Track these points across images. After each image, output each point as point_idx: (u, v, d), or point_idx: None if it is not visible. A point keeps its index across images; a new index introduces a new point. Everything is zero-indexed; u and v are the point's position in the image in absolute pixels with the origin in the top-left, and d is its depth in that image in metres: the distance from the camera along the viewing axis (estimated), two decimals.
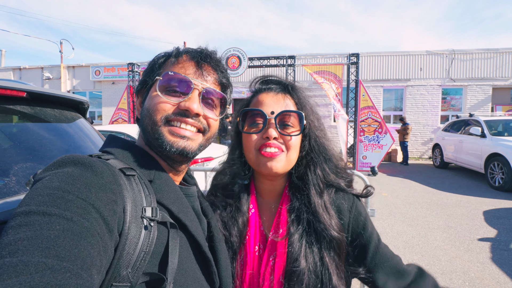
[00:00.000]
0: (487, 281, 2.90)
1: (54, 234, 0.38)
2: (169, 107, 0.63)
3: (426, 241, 3.89)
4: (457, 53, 12.18)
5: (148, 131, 0.65)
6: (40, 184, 0.46)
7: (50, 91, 1.33)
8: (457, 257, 3.42)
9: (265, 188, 0.87)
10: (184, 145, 0.64)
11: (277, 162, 0.77)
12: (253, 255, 0.78)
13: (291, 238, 0.75)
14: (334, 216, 0.78)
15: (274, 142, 0.76)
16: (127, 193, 0.53)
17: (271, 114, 0.77)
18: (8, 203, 0.89)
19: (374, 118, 8.69)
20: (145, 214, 0.53)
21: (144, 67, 10.66)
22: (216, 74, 0.70)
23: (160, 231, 0.55)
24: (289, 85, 0.84)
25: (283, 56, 9.44)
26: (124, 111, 11.07)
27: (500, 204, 5.49)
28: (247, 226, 0.81)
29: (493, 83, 12.05)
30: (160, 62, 0.69)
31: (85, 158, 0.52)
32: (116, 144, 0.65)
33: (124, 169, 0.57)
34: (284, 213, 0.80)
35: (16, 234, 0.37)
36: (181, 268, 0.56)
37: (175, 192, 0.63)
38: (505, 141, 6.75)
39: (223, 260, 0.70)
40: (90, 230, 0.41)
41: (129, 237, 0.50)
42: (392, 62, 12.67)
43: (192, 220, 0.63)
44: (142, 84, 0.71)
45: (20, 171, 1.03)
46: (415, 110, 12.58)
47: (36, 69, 15.97)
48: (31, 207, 0.41)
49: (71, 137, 1.46)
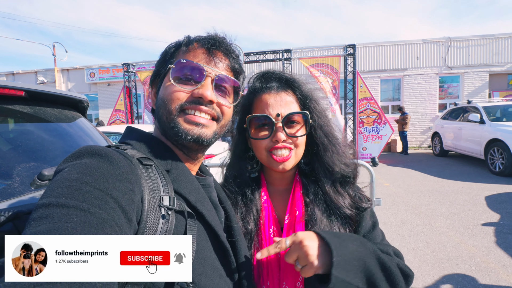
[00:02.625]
0: (492, 265, 2.92)
1: (71, 226, 0.38)
2: (183, 96, 0.63)
3: (430, 228, 3.90)
4: (453, 41, 12.15)
5: (164, 120, 0.65)
6: (59, 176, 0.47)
7: (49, 90, 1.30)
8: (462, 243, 3.43)
9: (275, 177, 0.89)
10: (199, 133, 0.64)
11: (289, 162, 0.81)
12: (269, 238, 0.79)
13: (313, 218, 0.78)
14: (346, 195, 0.83)
15: (284, 144, 0.79)
16: (144, 182, 0.53)
17: (277, 116, 0.79)
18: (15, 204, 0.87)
19: (372, 109, 8.69)
20: (162, 203, 0.54)
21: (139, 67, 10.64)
22: (228, 60, 0.69)
23: (178, 220, 0.55)
24: (290, 80, 0.84)
25: (279, 50, 9.37)
26: (121, 112, 11.00)
27: (502, 189, 5.52)
28: (261, 212, 0.83)
29: (489, 69, 12.05)
30: (172, 52, 0.69)
31: (102, 149, 0.52)
32: (134, 135, 0.67)
33: (142, 158, 0.58)
34: (298, 196, 0.82)
35: (37, 226, 0.38)
36: (200, 257, 0.56)
37: (192, 182, 0.63)
38: (504, 126, 6.78)
39: (242, 250, 0.70)
40: (107, 221, 0.42)
41: (148, 225, 0.50)
42: (389, 52, 12.63)
43: (209, 210, 0.63)
44: (155, 75, 0.71)
45: (23, 172, 1.01)
46: (413, 100, 12.58)
47: (30, 74, 15.82)
48: (51, 199, 0.42)
49: (72, 137, 1.43)
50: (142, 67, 10.76)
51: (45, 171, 1.01)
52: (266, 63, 9.61)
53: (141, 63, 10.92)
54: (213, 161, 3.89)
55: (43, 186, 1.00)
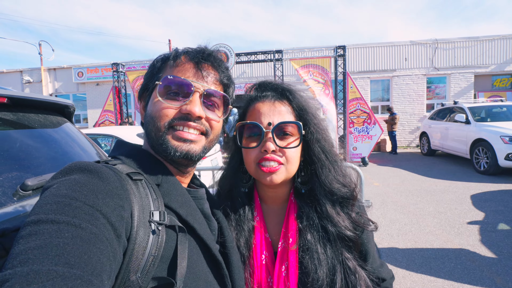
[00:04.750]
0: (478, 263, 3.00)
1: (63, 241, 0.38)
2: (171, 112, 0.63)
3: (418, 227, 3.99)
4: (440, 42, 12.43)
5: (152, 136, 0.64)
6: (48, 192, 0.46)
7: (33, 96, 1.27)
8: (448, 241, 3.52)
9: (269, 195, 0.85)
10: (188, 149, 0.63)
11: (277, 175, 0.75)
12: (260, 264, 0.76)
13: (305, 247, 0.74)
14: (345, 217, 0.77)
15: (273, 156, 0.74)
16: (134, 198, 0.53)
17: (268, 125, 0.75)
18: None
19: (362, 109, 8.80)
20: (153, 218, 0.53)
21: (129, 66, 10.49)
22: (216, 74, 0.69)
23: (169, 235, 0.55)
24: (286, 91, 0.80)
25: (270, 51, 9.39)
26: (110, 113, 10.81)
27: (486, 187, 5.69)
28: (253, 233, 0.80)
29: (475, 70, 12.39)
30: (159, 66, 0.68)
31: (91, 164, 0.52)
32: (124, 149, 0.66)
33: (131, 173, 0.57)
34: (292, 221, 0.78)
35: (27, 243, 0.37)
36: (192, 272, 0.56)
37: (182, 195, 0.63)
38: (489, 126, 6.98)
39: (235, 263, 0.69)
40: (98, 236, 0.42)
41: (137, 241, 0.49)
42: (378, 53, 12.83)
43: (200, 223, 0.62)
44: (143, 89, 0.70)
45: (5, 182, 0.98)
46: (401, 100, 12.81)
47: (15, 73, 15.36)
48: (40, 216, 0.41)
49: (58, 143, 1.40)
50: (132, 67, 10.61)
51: (28, 181, 0.99)
52: (257, 64, 9.61)
53: (130, 62, 10.76)
54: (204, 164, 3.87)
55: (26, 197, 0.98)
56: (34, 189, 1.00)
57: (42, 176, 1.07)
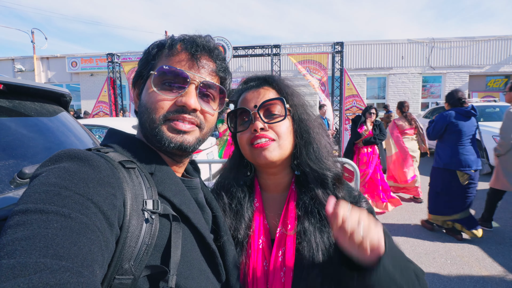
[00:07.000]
0: (466, 259, 3.08)
1: (52, 232, 0.37)
2: (166, 104, 0.62)
3: (410, 224, 4.07)
4: (437, 42, 12.51)
5: (146, 127, 0.63)
6: (37, 180, 0.44)
7: (29, 83, 1.25)
8: (439, 238, 3.60)
9: (269, 183, 0.87)
10: (182, 140, 0.62)
11: (270, 152, 0.77)
12: (257, 248, 0.78)
13: (302, 233, 0.75)
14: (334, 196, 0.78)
15: (263, 133, 0.77)
16: (126, 186, 0.52)
17: (254, 107, 0.79)
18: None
19: (358, 106, 8.84)
20: (146, 207, 0.53)
21: (124, 57, 10.32)
22: (213, 65, 0.67)
23: (162, 223, 0.55)
24: (267, 77, 0.86)
25: (268, 45, 9.32)
26: (105, 104, 10.65)
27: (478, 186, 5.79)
28: (252, 220, 0.82)
29: (469, 70, 12.53)
30: (154, 53, 0.65)
31: (82, 152, 0.50)
32: (116, 138, 0.65)
33: (124, 162, 0.56)
34: (291, 208, 0.80)
35: (14, 234, 0.36)
36: (186, 260, 0.56)
37: (176, 184, 0.62)
38: (482, 126, 7.07)
39: (229, 252, 0.70)
40: (89, 226, 0.40)
41: (130, 230, 0.49)
42: (375, 50, 12.86)
43: (194, 212, 0.62)
44: (137, 76, 0.68)
45: (2, 169, 0.97)
46: (397, 98, 12.89)
47: (7, 61, 15.03)
48: (28, 205, 0.39)
49: (54, 132, 1.38)
50: (127, 57, 10.43)
51: (26, 169, 0.97)
52: (255, 58, 9.55)
53: (126, 53, 10.60)
54: (200, 157, 3.87)
55: (23, 185, 0.97)
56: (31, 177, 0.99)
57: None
